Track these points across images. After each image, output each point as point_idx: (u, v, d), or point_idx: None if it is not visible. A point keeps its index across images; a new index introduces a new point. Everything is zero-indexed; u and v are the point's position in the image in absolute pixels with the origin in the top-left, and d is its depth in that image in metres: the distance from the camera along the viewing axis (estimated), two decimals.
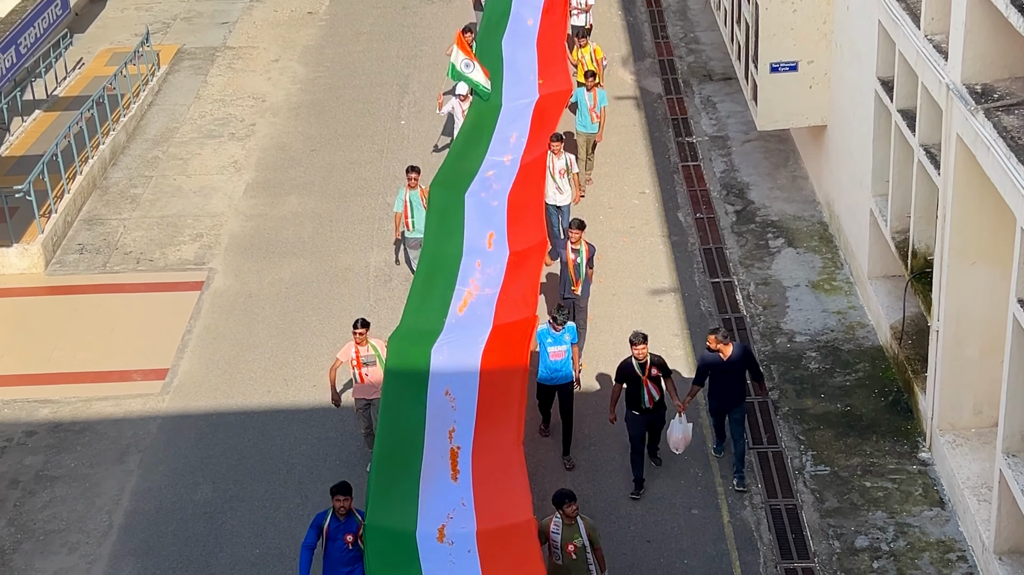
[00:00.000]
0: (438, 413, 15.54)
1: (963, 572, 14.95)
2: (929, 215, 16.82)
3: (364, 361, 16.73)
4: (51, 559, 16.07)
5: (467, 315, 17.31)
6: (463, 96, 23.19)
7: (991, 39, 14.53)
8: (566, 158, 20.95)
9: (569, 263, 18.56)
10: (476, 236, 18.90)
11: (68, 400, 18.96)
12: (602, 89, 23.27)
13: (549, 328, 16.80)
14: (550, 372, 16.90)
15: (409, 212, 20.22)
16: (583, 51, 24.77)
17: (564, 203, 21.16)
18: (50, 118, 27.02)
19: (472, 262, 18.29)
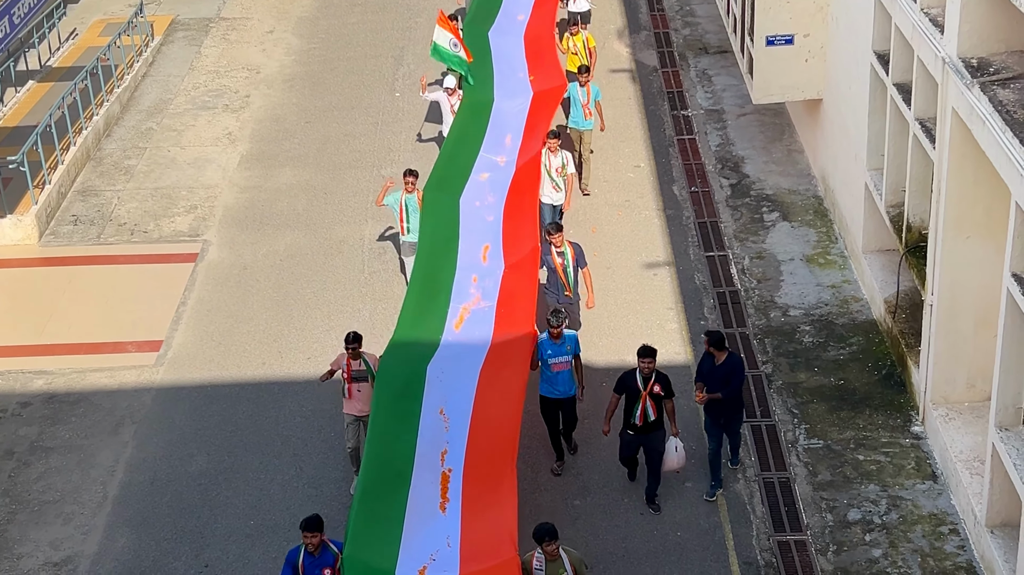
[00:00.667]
0: (431, 434, 14.94)
1: (955, 545, 15.02)
2: (924, 189, 16.82)
3: (355, 375, 15.90)
4: (46, 530, 16.11)
5: (464, 331, 16.70)
6: (451, 90, 22.44)
7: (987, 13, 14.50)
8: (562, 155, 20.21)
9: (557, 268, 17.86)
10: (471, 249, 18.25)
11: (63, 371, 18.96)
12: (595, 84, 22.58)
13: (549, 339, 15.96)
14: (552, 385, 16.09)
15: (405, 216, 19.31)
16: (575, 39, 24.06)
17: (559, 202, 20.54)
18: (43, 89, 26.92)
19: (467, 277, 17.69)
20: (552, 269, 17.97)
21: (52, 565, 15.58)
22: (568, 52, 24.14)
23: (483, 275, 17.73)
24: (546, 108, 21.86)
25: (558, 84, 22.50)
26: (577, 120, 22.30)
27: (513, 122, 21.48)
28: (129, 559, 15.60)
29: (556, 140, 20.15)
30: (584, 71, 22.31)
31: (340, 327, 19.45)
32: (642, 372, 15.42)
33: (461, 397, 15.38)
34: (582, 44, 24.07)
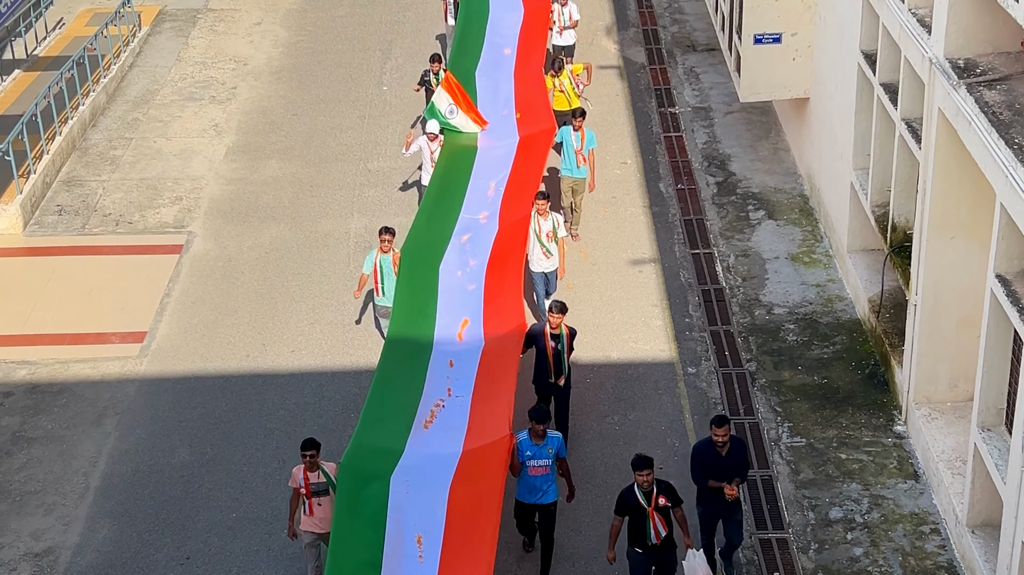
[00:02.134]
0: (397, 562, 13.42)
1: (936, 544, 15.07)
2: (909, 189, 16.86)
3: (314, 489, 14.28)
4: (27, 520, 16.06)
5: (434, 431, 14.94)
6: (433, 135, 20.84)
7: (975, 14, 14.53)
8: (553, 219, 18.51)
9: (548, 351, 16.07)
10: (448, 325, 16.74)
11: (45, 362, 18.90)
12: (591, 129, 20.95)
13: (529, 438, 14.32)
14: (530, 490, 14.44)
15: (379, 278, 17.96)
16: (560, 78, 22.79)
17: (551, 269, 18.74)
18: (30, 78, 26.82)
19: (443, 362, 15.98)
20: (542, 352, 16.19)
21: (33, 555, 15.54)
22: (555, 91, 22.75)
23: (459, 358, 16.06)
24: (534, 155, 20.21)
25: (547, 127, 20.84)
26: (570, 168, 20.67)
27: (497, 170, 19.97)
28: (110, 550, 15.57)
29: (545, 202, 18.46)
30: (579, 115, 20.77)
31: (324, 320, 19.46)
32: (642, 487, 13.67)
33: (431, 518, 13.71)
34: (569, 81, 22.88)
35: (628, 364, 18.23)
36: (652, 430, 17.09)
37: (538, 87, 22.34)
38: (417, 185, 22.12)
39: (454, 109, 21.09)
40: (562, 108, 22.49)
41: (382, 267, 17.95)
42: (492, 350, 16.17)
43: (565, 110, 22.44)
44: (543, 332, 16.13)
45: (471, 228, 18.60)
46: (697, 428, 17.09)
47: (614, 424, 17.22)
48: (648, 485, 13.64)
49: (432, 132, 20.82)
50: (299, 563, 15.17)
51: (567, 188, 20.79)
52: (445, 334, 16.56)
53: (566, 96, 22.81)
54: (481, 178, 19.84)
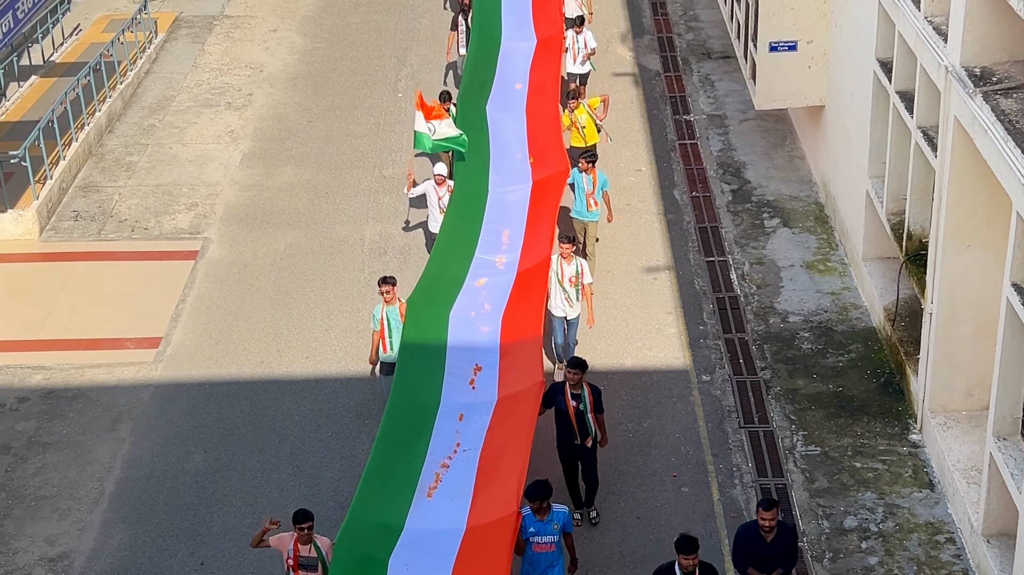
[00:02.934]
0: None
1: (951, 554, 15.01)
2: (925, 197, 16.82)
3: (303, 563, 13.37)
4: (42, 525, 16.10)
5: (438, 500, 13.95)
6: (440, 178, 19.82)
7: (991, 22, 14.50)
8: (577, 264, 17.56)
9: (569, 411, 15.06)
10: (459, 370, 15.70)
11: (61, 367, 18.95)
12: (603, 173, 20.01)
13: (532, 514, 13.47)
14: (533, 567, 13.61)
15: (387, 332, 16.63)
16: (576, 113, 21.68)
17: (573, 316, 17.80)
18: (46, 84, 26.92)
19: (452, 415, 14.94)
20: (563, 412, 15.15)
21: (48, 561, 15.57)
22: (573, 129, 21.83)
23: (470, 410, 15.06)
24: (549, 198, 19.39)
25: (560, 169, 19.98)
26: (580, 210, 19.80)
27: (512, 215, 19.08)
28: (125, 556, 15.59)
29: (570, 246, 17.48)
30: (590, 159, 19.68)
31: (339, 326, 19.48)
32: (686, 569, 12.85)
33: None
34: (587, 116, 21.78)
35: (642, 371, 18.22)
36: (666, 438, 17.08)
37: (552, 125, 21.41)
38: (424, 229, 21.14)
39: (432, 125, 20.17)
40: (579, 145, 21.75)
41: (389, 319, 16.69)
42: (506, 404, 15.12)
43: (582, 147, 21.64)
44: (563, 390, 15.09)
45: (487, 271, 17.75)
46: (711, 436, 17.07)
47: (628, 432, 17.20)
48: (691, 567, 12.75)
49: (439, 175, 19.81)
50: None
51: (579, 231, 19.91)
52: (455, 382, 15.55)
53: (581, 133, 21.86)
54: (495, 222, 18.93)
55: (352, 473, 16.20)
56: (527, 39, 23.97)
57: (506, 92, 22.46)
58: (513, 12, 24.91)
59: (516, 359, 15.76)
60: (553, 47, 23.74)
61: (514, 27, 24.30)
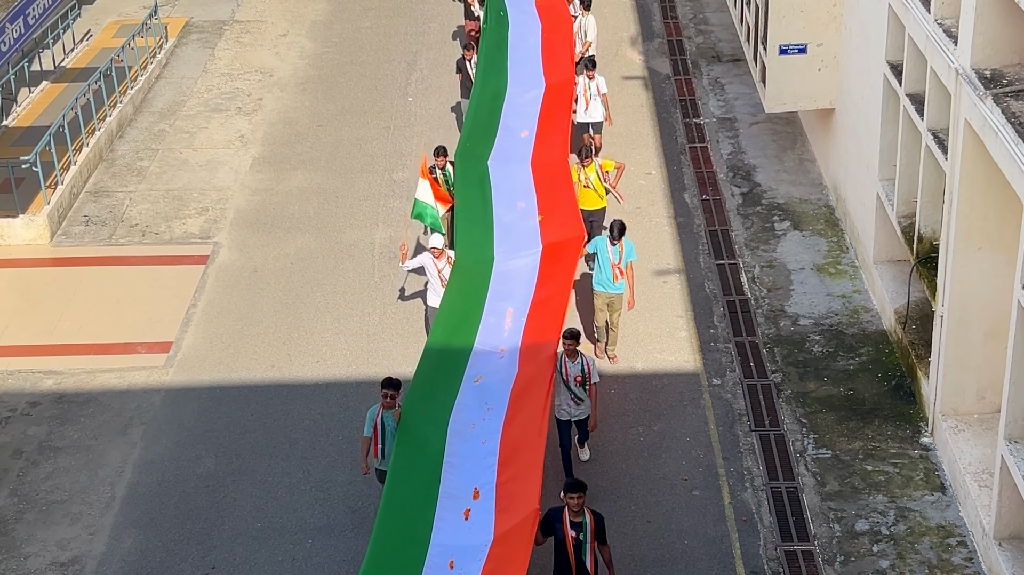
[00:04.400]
0: None
1: (963, 557, 14.98)
2: (936, 200, 16.80)
3: None
4: (53, 530, 16.13)
5: None
6: (438, 251, 18.04)
7: (1001, 24, 14.48)
8: (582, 361, 15.71)
9: (567, 541, 13.50)
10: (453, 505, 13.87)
11: (72, 371, 18.99)
12: (629, 240, 18.20)
13: None
14: None
15: (380, 438, 15.00)
16: (587, 171, 19.86)
17: (581, 416, 16.03)
18: (57, 89, 27.00)
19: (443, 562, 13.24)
20: (561, 543, 13.62)
21: (59, 565, 15.60)
22: (581, 185, 19.86)
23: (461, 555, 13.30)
24: (559, 272, 17.23)
25: (575, 234, 17.86)
26: (604, 282, 18.02)
27: (518, 290, 17.09)
28: (136, 560, 15.61)
29: (574, 342, 15.71)
30: (618, 231, 17.83)
31: (349, 330, 19.50)
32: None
33: None
34: (596, 177, 19.96)
35: (652, 375, 18.20)
36: (677, 441, 17.06)
37: (562, 179, 19.37)
38: (424, 304, 19.21)
39: None
40: (589, 207, 19.87)
41: (384, 425, 14.98)
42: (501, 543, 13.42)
43: (592, 209, 19.94)
44: (561, 517, 13.51)
45: (486, 365, 15.73)
46: (722, 439, 17.06)
47: (638, 435, 17.19)
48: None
49: (437, 247, 18.00)
50: (323, 573, 15.20)
51: (602, 305, 18.12)
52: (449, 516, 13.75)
53: (593, 191, 20.03)
54: (498, 301, 16.93)
55: (363, 476, 16.22)
56: (535, 84, 22.07)
57: (511, 142, 20.40)
58: (520, 55, 23.03)
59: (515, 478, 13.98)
60: (564, 93, 21.87)
61: (521, 71, 22.44)
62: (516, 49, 23.18)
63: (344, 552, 15.46)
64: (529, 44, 23.34)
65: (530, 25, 23.92)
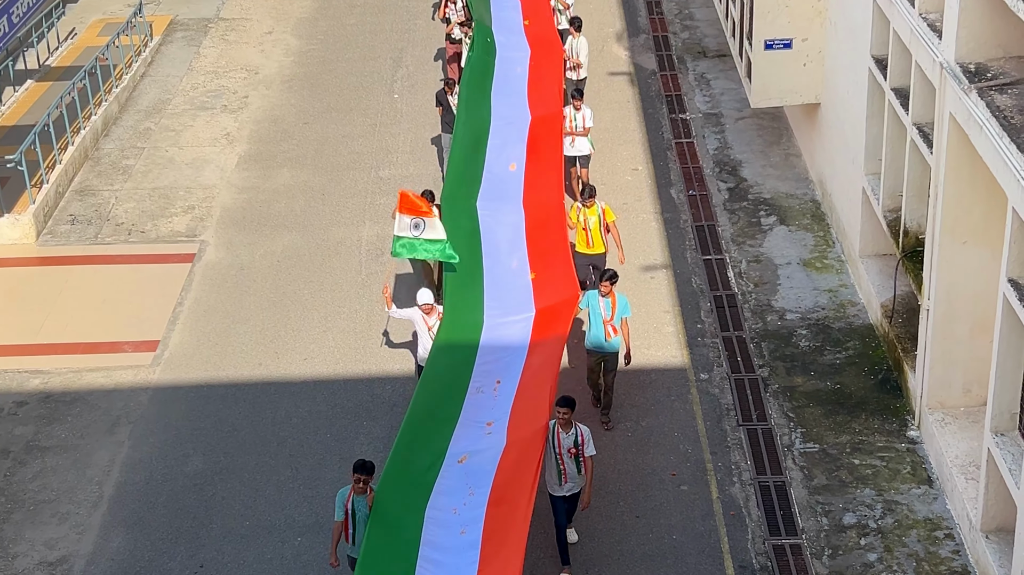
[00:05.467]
0: None
1: (950, 550, 15.03)
2: (921, 194, 16.84)
3: None
4: (41, 529, 16.10)
5: None
6: (428, 307, 16.94)
7: (985, 18, 14.52)
8: (577, 431, 14.54)
9: None
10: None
11: (59, 371, 18.95)
12: (623, 295, 16.98)
13: None
14: None
15: (351, 522, 13.90)
16: (587, 212, 18.52)
17: (571, 491, 14.78)
18: (42, 88, 26.91)
19: None
20: None
21: (47, 565, 15.57)
22: (579, 227, 18.67)
23: None
24: (552, 336, 16.09)
25: (568, 295, 16.60)
26: (597, 341, 16.79)
27: (508, 359, 15.84)
28: (124, 559, 15.59)
29: (569, 411, 14.46)
30: (609, 279, 16.74)
31: (337, 328, 19.49)
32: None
33: None
34: (597, 221, 18.62)
35: (640, 370, 18.22)
36: (664, 436, 17.08)
37: (556, 227, 17.85)
38: (411, 350, 18.22)
39: (420, 222, 17.09)
40: (585, 251, 18.71)
41: (355, 511, 13.90)
42: None
43: (588, 254, 18.73)
44: None
45: (472, 443, 14.46)
46: (709, 434, 17.09)
47: (626, 431, 17.21)
48: None
49: (426, 304, 16.89)
50: (311, 571, 15.19)
51: (594, 365, 16.98)
52: None
53: (587, 237, 18.72)
54: (487, 370, 15.67)
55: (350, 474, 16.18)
56: (520, 117, 20.62)
57: (499, 177, 18.98)
58: (506, 85, 21.59)
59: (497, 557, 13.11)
60: (552, 125, 20.39)
61: (506, 103, 21.02)
62: (501, 79, 21.78)
63: None
64: (516, 74, 21.99)
65: (518, 52, 22.66)
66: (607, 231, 18.75)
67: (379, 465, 14.26)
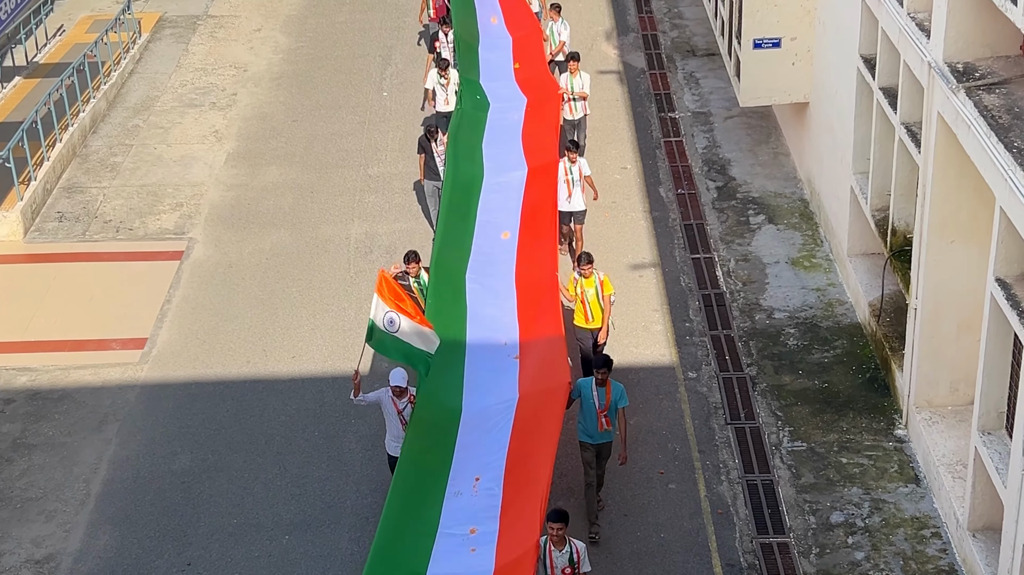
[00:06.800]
0: None
1: (937, 548, 15.06)
2: (909, 193, 16.87)
3: None
4: (28, 527, 16.06)
5: None
6: (399, 390, 14.91)
7: (973, 17, 14.54)
8: (571, 550, 13.23)
9: None
10: None
11: (46, 368, 18.90)
12: (619, 384, 15.35)
13: None
14: None
15: None
16: (584, 283, 16.95)
17: None
18: (30, 85, 26.85)
19: None
20: None
21: (34, 562, 15.53)
22: (575, 300, 17.13)
23: None
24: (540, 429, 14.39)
25: (558, 382, 15.04)
26: (590, 431, 15.25)
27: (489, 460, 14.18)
28: (112, 557, 15.56)
29: (562, 527, 13.13)
30: (603, 365, 15.04)
31: (325, 326, 19.47)
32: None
33: None
34: (595, 293, 17.06)
35: (629, 369, 18.23)
36: (653, 435, 17.09)
37: (549, 305, 16.43)
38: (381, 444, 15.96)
39: (395, 318, 15.19)
40: (584, 325, 17.22)
41: None
42: None
43: (588, 328, 17.22)
44: None
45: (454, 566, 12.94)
46: (697, 433, 17.10)
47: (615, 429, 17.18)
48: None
49: (397, 386, 14.95)
50: (299, 569, 15.18)
51: (589, 458, 15.38)
52: None
53: (586, 310, 17.13)
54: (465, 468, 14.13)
55: (339, 472, 16.19)
56: (515, 167, 19.44)
57: (490, 247, 17.67)
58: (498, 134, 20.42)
59: None
60: (548, 180, 19.27)
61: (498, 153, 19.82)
62: (494, 128, 20.56)
63: (320, 548, 15.45)
64: (511, 121, 20.80)
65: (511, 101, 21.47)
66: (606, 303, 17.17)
67: None
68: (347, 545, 15.45)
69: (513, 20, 24.37)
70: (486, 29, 24.11)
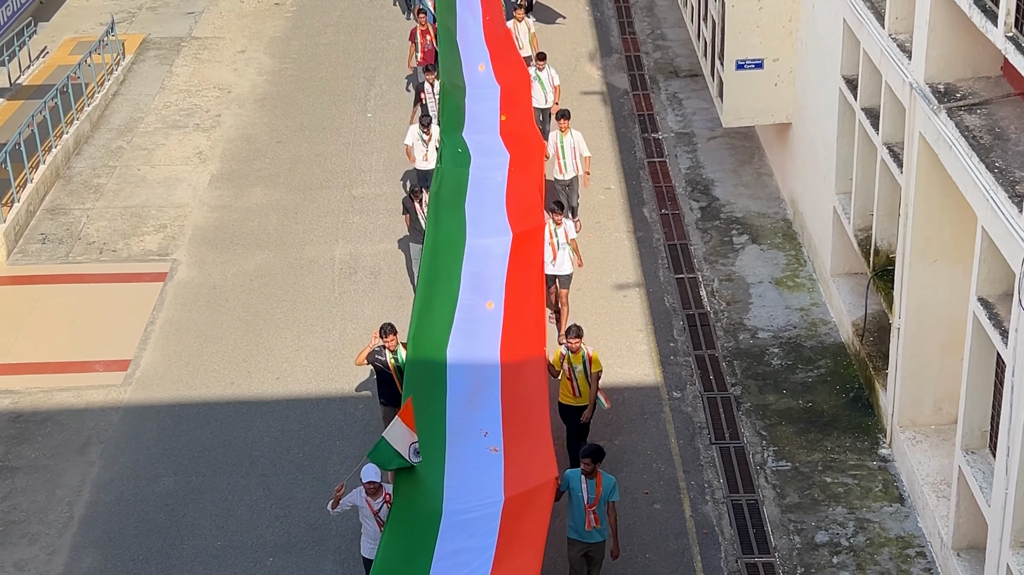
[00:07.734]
0: None
1: (922, 567, 15.08)
2: (892, 213, 16.93)
3: None
4: (11, 550, 15.98)
5: None
6: (373, 487, 13.91)
7: (954, 39, 14.64)
8: None
9: None
10: None
11: (29, 391, 18.83)
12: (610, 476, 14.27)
13: None
14: None
15: None
16: (572, 359, 15.88)
17: None
18: (13, 107, 26.81)
19: None
20: None
21: None
22: (563, 376, 16.05)
23: None
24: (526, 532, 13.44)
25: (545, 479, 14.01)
26: (578, 528, 14.13)
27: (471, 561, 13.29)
28: None
29: None
30: (591, 455, 13.92)
31: (310, 347, 19.44)
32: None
33: None
34: (583, 369, 15.97)
35: (613, 389, 18.22)
36: (638, 455, 17.09)
37: (536, 389, 15.46)
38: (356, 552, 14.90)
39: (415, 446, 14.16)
40: (570, 402, 16.17)
41: None
42: None
43: (574, 406, 16.17)
44: None
45: None
46: (682, 453, 17.11)
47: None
48: None
49: (372, 482, 13.90)
50: None
51: (576, 556, 14.31)
52: None
53: (573, 386, 16.06)
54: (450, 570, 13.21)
55: (324, 494, 16.14)
56: (499, 232, 18.60)
57: (473, 318, 16.74)
58: (481, 200, 19.47)
59: None
60: (534, 244, 18.40)
61: (482, 217, 19.01)
62: (476, 190, 19.64)
63: (305, 570, 15.40)
64: (494, 183, 19.92)
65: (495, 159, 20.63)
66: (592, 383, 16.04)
67: None
68: (332, 566, 15.41)
69: (501, 66, 23.76)
70: (472, 78, 23.37)
